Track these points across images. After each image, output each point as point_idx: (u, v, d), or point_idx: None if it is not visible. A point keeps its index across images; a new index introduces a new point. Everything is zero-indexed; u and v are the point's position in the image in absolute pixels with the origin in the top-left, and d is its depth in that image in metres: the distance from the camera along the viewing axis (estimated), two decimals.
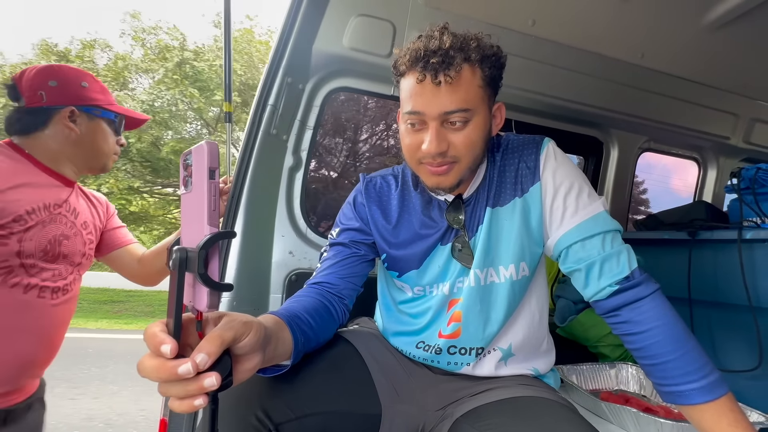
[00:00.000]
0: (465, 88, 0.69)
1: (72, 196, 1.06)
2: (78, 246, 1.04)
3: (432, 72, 0.68)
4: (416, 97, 0.70)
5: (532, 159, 0.80)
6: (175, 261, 0.42)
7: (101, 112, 1.05)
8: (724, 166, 2.08)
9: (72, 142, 1.01)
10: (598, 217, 0.74)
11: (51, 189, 0.99)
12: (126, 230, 1.25)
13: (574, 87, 1.60)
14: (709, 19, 1.31)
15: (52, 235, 0.97)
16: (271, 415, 0.61)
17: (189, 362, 0.39)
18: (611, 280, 0.71)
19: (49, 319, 0.98)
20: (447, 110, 0.69)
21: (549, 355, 0.88)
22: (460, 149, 0.72)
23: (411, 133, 0.74)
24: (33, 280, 0.93)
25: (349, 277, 0.83)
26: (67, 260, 1.01)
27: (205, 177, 0.42)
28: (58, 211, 0.99)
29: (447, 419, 0.73)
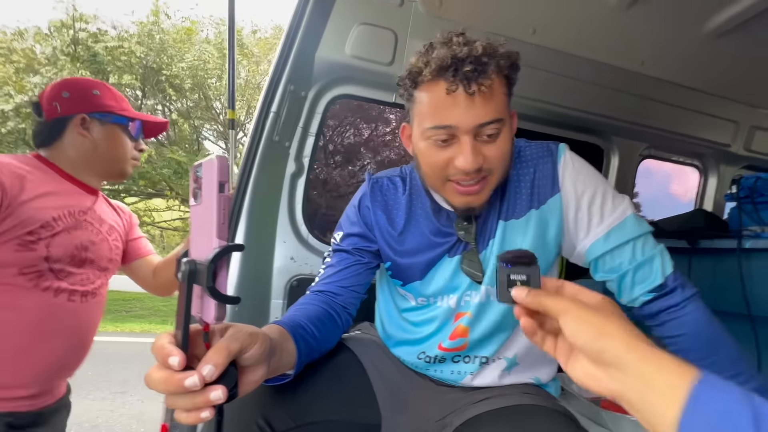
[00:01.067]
0: (497, 97, 0.65)
1: (97, 204, 1.10)
2: (104, 251, 1.07)
3: (465, 81, 0.62)
4: (447, 109, 0.64)
5: (548, 168, 0.75)
6: (185, 273, 0.43)
7: (113, 118, 1.07)
8: (725, 174, 2.08)
9: (86, 149, 1.04)
10: (625, 224, 0.71)
11: (75, 197, 1.03)
12: (146, 241, 1.27)
13: (575, 94, 1.61)
14: (709, 27, 1.32)
15: (79, 241, 1.00)
16: (273, 424, 0.62)
17: (196, 375, 0.39)
18: (644, 289, 0.70)
19: (79, 322, 1.01)
20: (482, 122, 0.64)
21: (552, 363, 0.87)
22: (494, 162, 0.67)
23: (437, 149, 0.68)
24: (62, 284, 0.96)
25: (352, 286, 0.81)
26: (94, 265, 1.04)
27: (214, 190, 0.43)
28: (83, 218, 1.02)
29: (447, 428, 0.73)
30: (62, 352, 0.98)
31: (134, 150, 1.13)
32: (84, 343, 1.05)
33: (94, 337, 1.08)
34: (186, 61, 8.45)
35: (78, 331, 1.02)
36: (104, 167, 1.08)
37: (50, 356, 0.96)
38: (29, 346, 0.92)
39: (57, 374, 0.99)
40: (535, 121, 1.70)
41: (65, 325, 0.98)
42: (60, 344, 0.97)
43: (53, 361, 0.97)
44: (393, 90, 1.46)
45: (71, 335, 1.00)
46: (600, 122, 1.74)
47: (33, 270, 0.92)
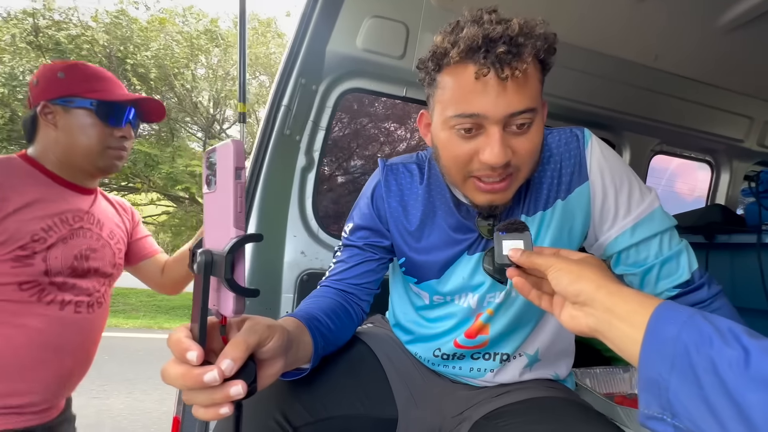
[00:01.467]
0: (531, 84, 0.58)
1: (95, 205, 1.00)
2: (107, 257, 1.01)
3: (497, 65, 0.54)
4: (475, 95, 0.57)
5: (575, 156, 0.70)
6: (200, 264, 0.40)
7: (75, 102, 0.91)
8: (738, 170, 2.06)
9: (56, 141, 0.92)
10: (653, 216, 0.68)
11: (67, 201, 0.94)
12: (152, 239, 1.21)
13: (587, 89, 1.59)
14: (723, 21, 1.30)
15: (78, 250, 0.93)
16: (290, 418, 0.61)
17: (215, 370, 0.38)
18: (670, 285, 0.68)
19: (86, 334, 0.97)
20: (514, 111, 0.57)
21: (570, 358, 0.85)
22: (524, 157, 0.61)
23: (461, 140, 0.61)
24: (67, 296, 0.91)
25: (364, 283, 0.78)
26: (99, 273, 0.98)
27: (231, 177, 0.40)
28: (79, 225, 0.94)
29: (466, 422, 0.72)
30: (70, 364, 0.94)
31: (112, 137, 0.96)
32: (90, 353, 1.01)
33: (97, 348, 1.04)
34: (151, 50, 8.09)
35: (85, 342, 0.97)
36: (78, 161, 0.94)
37: (59, 370, 0.92)
38: (38, 361, 0.88)
39: (65, 387, 0.95)
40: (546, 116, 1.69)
41: (73, 339, 0.93)
42: (68, 357, 0.93)
43: (62, 375, 0.93)
44: (404, 84, 1.45)
45: (78, 347, 0.96)
46: (612, 117, 1.72)
47: (34, 285, 0.87)
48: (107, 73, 0.99)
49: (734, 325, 0.35)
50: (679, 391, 0.35)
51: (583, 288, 0.44)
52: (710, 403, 0.33)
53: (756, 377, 0.31)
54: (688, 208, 1.55)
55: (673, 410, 0.36)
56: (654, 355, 0.37)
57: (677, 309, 0.38)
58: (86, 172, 0.98)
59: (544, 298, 0.52)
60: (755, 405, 0.30)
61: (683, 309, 0.38)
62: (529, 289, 0.53)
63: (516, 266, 0.52)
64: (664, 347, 0.36)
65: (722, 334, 0.34)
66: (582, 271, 0.46)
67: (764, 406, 0.30)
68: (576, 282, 0.45)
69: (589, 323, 0.44)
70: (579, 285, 0.45)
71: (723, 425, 0.32)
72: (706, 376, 0.33)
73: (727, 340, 0.34)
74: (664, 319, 0.38)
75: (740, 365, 0.32)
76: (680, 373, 0.35)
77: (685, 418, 0.35)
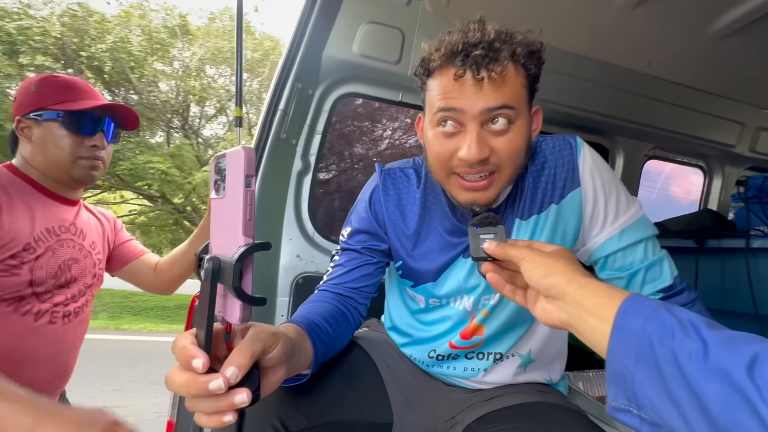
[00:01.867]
0: (509, 85, 0.61)
1: (78, 216, 1.01)
2: (88, 268, 1.01)
3: (474, 66, 0.59)
4: (453, 93, 0.61)
5: (568, 163, 0.73)
6: (208, 271, 0.40)
7: (44, 114, 0.92)
8: (730, 175, 2.08)
9: (31, 154, 0.94)
10: (639, 223, 0.71)
11: (52, 211, 0.94)
12: (136, 242, 1.22)
13: (581, 94, 1.61)
14: (715, 28, 1.32)
15: (62, 260, 0.93)
16: (287, 424, 0.61)
17: (221, 378, 0.38)
18: (654, 289, 0.69)
19: (61, 345, 0.94)
20: (490, 107, 0.60)
21: (563, 360, 0.86)
22: (503, 156, 0.62)
23: (443, 138, 0.65)
24: (44, 306, 0.90)
25: (362, 287, 0.79)
26: (79, 283, 0.98)
27: (241, 184, 0.40)
28: (65, 236, 0.95)
29: (458, 425, 0.73)
30: (45, 377, 0.91)
31: (83, 147, 0.95)
32: (67, 366, 0.98)
33: (77, 358, 1.01)
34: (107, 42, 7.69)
35: (60, 354, 0.94)
36: (54, 173, 0.95)
37: (32, 381, 0.85)
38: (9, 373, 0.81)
39: None
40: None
41: (47, 351, 0.91)
42: (41, 370, 0.90)
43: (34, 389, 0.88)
44: (400, 89, 1.46)
45: (53, 360, 0.93)
46: (605, 122, 1.74)
47: (15, 294, 0.85)
48: (80, 82, 0.99)
49: (695, 317, 0.36)
50: (643, 383, 0.36)
51: (555, 281, 0.45)
52: (672, 394, 0.34)
53: (713, 368, 0.31)
54: (684, 211, 1.57)
55: (639, 402, 0.36)
56: (620, 348, 0.38)
57: (642, 302, 0.39)
58: (64, 183, 0.97)
59: (518, 292, 0.53)
60: (712, 396, 0.31)
61: (648, 302, 0.39)
62: (503, 285, 0.54)
63: (491, 260, 0.54)
64: (629, 340, 0.37)
65: (684, 326, 0.35)
66: (554, 264, 0.46)
67: (721, 397, 0.30)
68: (548, 275, 0.46)
69: (560, 317, 0.45)
70: (551, 278, 0.45)
71: (684, 416, 0.33)
72: (668, 368, 0.34)
73: (688, 333, 0.34)
74: (630, 312, 0.38)
75: (699, 357, 0.33)
76: (644, 365, 0.36)
77: (650, 409, 0.35)
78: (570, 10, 1.29)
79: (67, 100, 0.94)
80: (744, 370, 0.30)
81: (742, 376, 0.30)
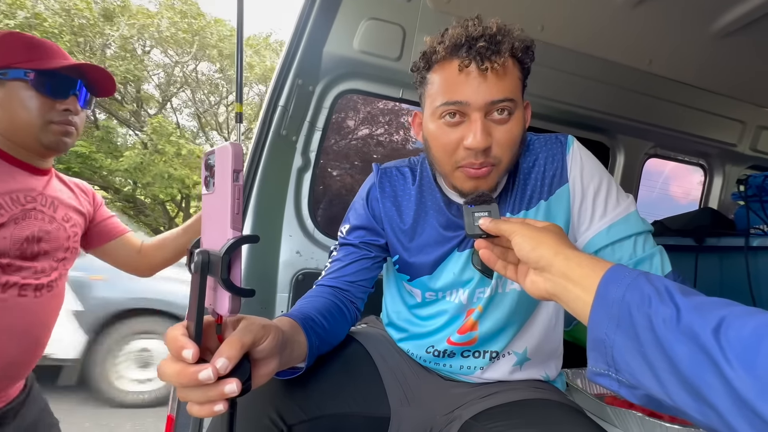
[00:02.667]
0: (510, 77, 0.65)
1: (48, 186, 0.94)
2: (61, 241, 0.94)
3: (478, 58, 0.62)
4: (458, 85, 0.64)
5: (558, 160, 0.75)
6: (197, 264, 0.41)
7: (8, 73, 0.83)
8: (731, 173, 2.08)
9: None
10: (629, 219, 0.71)
11: (17, 179, 0.87)
12: (117, 220, 1.15)
13: (582, 92, 1.61)
14: (717, 27, 1.32)
15: (29, 231, 0.87)
16: (284, 417, 0.62)
17: (210, 368, 0.39)
18: None
19: (32, 318, 0.90)
20: (495, 99, 0.63)
21: (560, 358, 0.87)
22: (503, 147, 0.66)
23: (447, 129, 0.67)
24: (12, 278, 0.85)
25: (359, 281, 0.80)
26: (49, 256, 0.92)
27: (229, 179, 0.41)
28: (32, 206, 0.88)
29: (456, 421, 0.74)
30: (14, 351, 0.87)
31: (54, 111, 0.87)
32: (39, 340, 0.93)
33: (50, 336, 0.98)
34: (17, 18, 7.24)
35: (32, 328, 0.90)
36: (20, 138, 0.87)
37: (2, 356, 0.84)
38: None
39: (8, 375, 0.88)
40: (541, 118, 1.70)
41: (16, 323, 0.86)
42: (11, 344, 0.86)
43: (6, 361, 0.86)
44: (400, 85, 1.46)
45: (24, 334, 0.88)
46: (606, 120, 1.73)
47: None
48: (47, 42, 0.90)
49: (670, 285, 0.38)
50: (621, 349, 0.38)
51: (542, 254, 0.47)
52: (647, 357, 0.36)
53: (684, 332, 0.34)
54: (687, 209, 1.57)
55: (617, 366, 0.38)
56: (601, 316, 0.40)
57: (623, 272, 0.41)
58: (33, 150, 0.90)
59: (509, 267, 0.55)
60: (682, 357, 0.33)
61: (629, 272, 0.40)
62: (495, 260, 0.56)
63: (485, 236, 0.56)
64: (610, 309, 0.39)
65: (660, 293, 0.37)
66: (543, 237, 0.48)
67: (690, 357, 0.33)
68: (537, 248, 0.47)
69: (547, 288, 0.47)
70: (539, 251, 0.47)
71: (658, 378, 0.35)
72: (644, 333, 0.36)
73: (663, 299, 0.36)
74: (612, 282, 0.40)
75: (672, 321, 0.35)
76: (623, 331, 0.38)
77: (627, 372, 0.38)
78: (570, 7, 1.29)
79: (35, 58, 0.85)
80: (711, 333, 0.32)
81: (708, 338, 0.32)
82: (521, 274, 0.53)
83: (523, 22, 1.36)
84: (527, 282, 0.51)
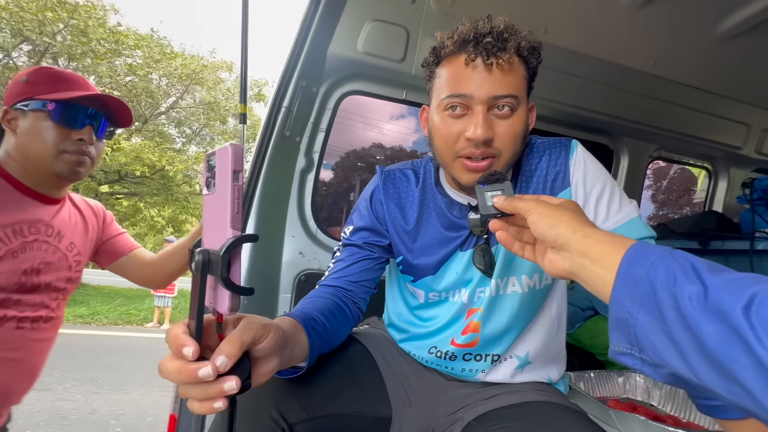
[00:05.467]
0: (514, 74, 0.66)
1: (57, 216, 0.95)
2: (62, 272, 0.95)
3: (484, 53, 0.64)
4: (464, 79, 0.66)
5: (561, 163, 0.76)
6: (198, 263, 0.42)
7: (30, 104, 0.87)
8: (736, 176, 2.07)
9: (14, 146, 0.88)
10: (631, 224, 0.71)
11: (25, 210, 0.88)
12: (127, 236, 1.18)
13: (586, 95, 1.61)
14: (722, 29, 1.31)
15: (28, 265, 0.86)
16: (286, 416, 0.62)
17: (210, 365, 0.39)
18: None
19: (29, 349, 0.89)
20: (498, 94, 0.65)
21: (563, 362, 0.87)
22: (505, 140, 0.67)
23: (450, 121, 0.69)
24: (9, 312, 0.84)
25: (362, 281, 0.80)
26: (51, 288, 0.92)
27: (229, 179, 0.42)
28: (33, 237, 0.88)
29: (458, 422, 0.73)
30: (9, 380, 0.87)
31: (69, 140, 0.89)
32: (33, 370, 0.93)
33: (45, 362, 0.97)
34: None
35: (28, 358, 0.89)
36: (35, 167, 0.89)
37: None
38: None
39: (2, 404, 0.88)
40: (545, 120, 1.70)
41: (12, 356, 0.86)
42: (7, 375, 0.86)
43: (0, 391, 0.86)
44: (404, 87, 1.47)
45: (19, 365, 0.87)
46: (610, 123, 1.73)
47: None
48: (73, 74, 0.94)
49: (697, 261, 0.37)
50: (645, 328, 0.37)
51: (560, 232, 0.46)
52: (672, 336, 0.35)
53: (712, 310, 0.33)
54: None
55: (640, 345, 0.38)
56: (623, 295, 0.39)
57: (647, 250, 0.39)
58: (47, 179, 0.92)
59: (526, 248, 0.54)
60: (709, 334, 0.33)
61: (653, 249, 0.39)
62: (512, 242, 0.55)
63: (499, 216, 0.55)
64: (633, 287, 0.38)
65: (685, 270, 0.36)
66: (560, 215, 0.47)
67: (718, 335, 0.32)
68: (554, 226, 0.46)
69: (565, 266, 0.46)
70: (557, 229, 0.46)
71: (683, 356, 0.35)
72: (669, 312, 0.35)
73: (689, 277, 0.36)
74: (634, 260, 0.39)
75: (699, 300, 0.34)
76: (647, 310, 0.37)
77: (651, 351, 0.37)
78: (574, 9, 1.29)
79: (57, 90, 0.89)
80: (741, 312, 0.32)
81: (738, 316, 0.31)
82: (539, 254, 0.52)
83: (526, 23, 1.36)
84: (545, 261, 0.50)
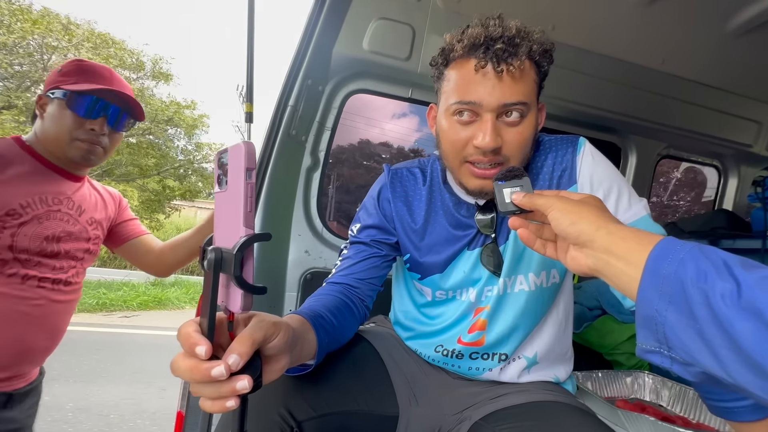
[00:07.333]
0: (525, 80, 0.65)
1: (78, 192, 1.04)
2: (81, 243, 1.03)
3: (494, 59, 0.63)
4: (473, 85, 0.65)
5: (568, 160, 0.75)
6: (210, 261, 0.41)
7: (55, 93, 0.96)
8: (746, 175, 2.04)
9: (40, 128, 0.99)
10: (640, 222, 0.69)
11: (51, 183, 0.98)
12: (138, 222, 1.26)
13: (594, 92, 1.59)
14: (732, 26, 1.29)
15: (50, 231, 0.95)
16: (294, 413, 0.62)
17: (222, 365, 0.39)
18: None
19: (49, 308, 0.97)
20: (507, 102, 0.64)
21: (570, 362, 0.86)
22: (513, 147, 0.66)
23: (458, 127, 0.68)
24: (31, 271, 0.93)
25: (369, 279, 0.80)
26: (69, 256, 1.00)
27: (242, 177, 0.42)
28: (57, 208, 0.97)
29: (465, 422, 0.73)
30: (32, 337, 0.95)
31: (81, 129, 0.97)
32: (56, 330, 1.01)
33: (67, 326, 1.05)
34: None
35: (49, 317, 0.97)
36: (53, 149, 0.98)
37: (17, 341, 0.92)
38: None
39: (26, 359, 0.96)
40: (553, 119, 1.69)
41: (34, 312, 0.94)
42: (29, 330, 0.94)
43: (21, 347, 0.93)
44: (410, 85, 1.46)
45: (41, 322, 0.96)
46: (618, 120, 1.71)
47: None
48: (102, 68, 1.02)
49: (729, 258, 0.36)
50: (674, 326, 0.36)
51: (583, 228, 0.45)
52: (704, 335, 0.34)
53: (746, 308, 0.32)
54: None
55: (670, 343, 0.37)
56: (651, 293, 0.38)
57: (675, 246, 0.38)
58: (63, 161, 1.00)
59: (548, 245, 0.53)
60: (744, 332, 0.32)
61: (681, 245, 0.38)
62: (533, 240, 0.53)
63: (518, 212, 0.53)
64: (661, 284, 0.37)
65: (717, 267, 0.35)
66: (582, 211, 0.46)
67: (752, 333, 0.32)
68: (576, 223, 0.45)
69: (589, 264, 0.45)
70: (579, 226, 0.45)
71: (715, 354, 0.34)
72: (700, 310, 0.35)
73: (721, 274, 0.35)
74: (662, 256, 0.38)
75: (732, 297, 0.33)
76: (676, 308, 0.36)
77: (680, 349, 0.36)
78: (582, 6, 1.27)
79: (80, 82, 0.97)
80: None
81: None
82: (561, 251, 0.51)
83: (534, 21, 1.34)
84: (568, 258, 0.49)
